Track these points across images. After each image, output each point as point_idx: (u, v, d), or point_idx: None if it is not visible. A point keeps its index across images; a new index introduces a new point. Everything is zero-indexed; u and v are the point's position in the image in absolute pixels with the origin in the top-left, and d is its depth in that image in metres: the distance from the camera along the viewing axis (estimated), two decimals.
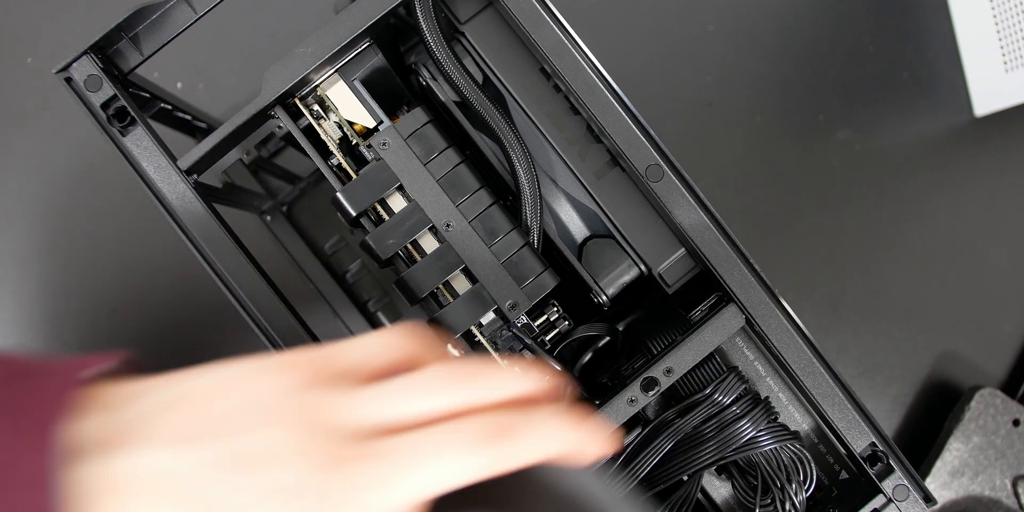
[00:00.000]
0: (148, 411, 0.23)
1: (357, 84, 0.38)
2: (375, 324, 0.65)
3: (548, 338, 0.39)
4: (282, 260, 0.67)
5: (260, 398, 0.23)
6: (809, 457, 0.39)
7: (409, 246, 0.38)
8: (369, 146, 0.38)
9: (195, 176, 0.39)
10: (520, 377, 0.24)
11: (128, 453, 0.22)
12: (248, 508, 0.22)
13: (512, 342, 0.38)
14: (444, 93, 0.40)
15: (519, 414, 0.23)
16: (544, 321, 0.39)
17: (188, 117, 0.50)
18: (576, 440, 0.23)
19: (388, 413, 0.23)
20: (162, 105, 0.45)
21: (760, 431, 0.38)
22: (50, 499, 0.21)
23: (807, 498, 0.38)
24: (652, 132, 0.37)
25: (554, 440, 0.23)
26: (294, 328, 0.37)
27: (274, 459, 0.22)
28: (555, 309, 0.39)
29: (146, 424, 0.22)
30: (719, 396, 0.39)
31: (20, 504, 0.21)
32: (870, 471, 0.37)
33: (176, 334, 0.69)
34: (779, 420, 0.40)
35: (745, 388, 0.40)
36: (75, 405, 0.22)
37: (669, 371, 0.37)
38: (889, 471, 0.37)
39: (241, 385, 0.23)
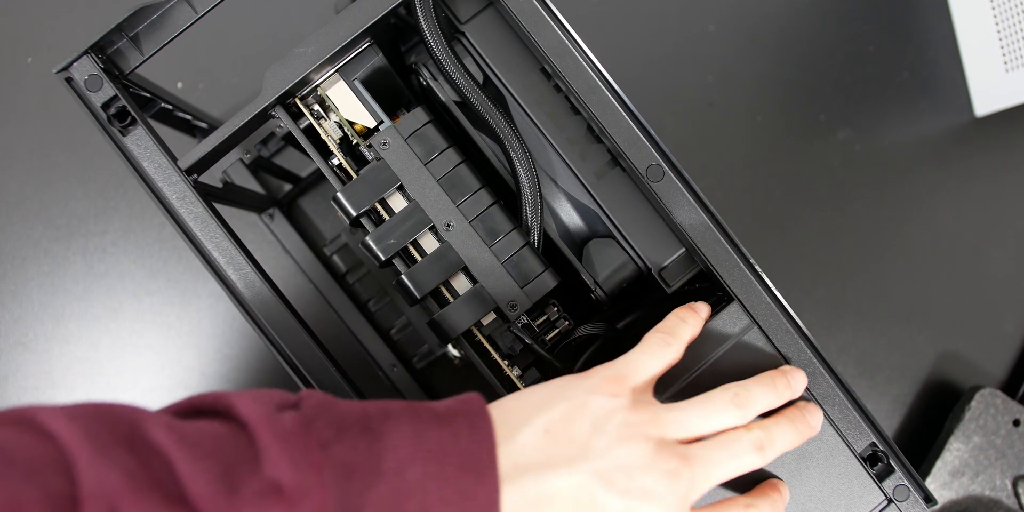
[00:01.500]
0: (534, 442, 0.29)
1: (357, 84, 0.38)
2: (375, 324, 0.65)
3: (548, 338, 0.39)
4: (282, 260, 0.67)
5: (605, 418, 0.30)
6: None
7: (409, 246, 0.38)
8: (369, 146, 0.38)
9: (195, 176, 0.39)
10: (772, 397, 0.34)
11: (540, 478, 0.29)
12: (628, 508, 0.29)
13: (512, 342, 0.38)
14: (444, 93, 0.40)
15: (772, 428, 0.33)
16: (544, 321, 0.39)
17: (188, 117, 0.50)
18: (803, 438, 0.34)
19: (694, 429, 0.32)
20: (162, 105, 0.45)
21: None
22: None
23: None
24: (652, 132, 0.37)
25: (792, 443, 0.34)
26: (294, 329, 0.37)
27: (640, 469, 0.30)
28: (555, 309, 0.39)
29: (541, 453, 0.29)
30: None
31: None
32: (870, 471, 0.37)
33: (173, 330, 0.69)
34: None
35: None
36: (494, 441, 0.28)
37: None
38: (889, 471, 0.37)
39: (585, 409, 0.30)
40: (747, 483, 0.36)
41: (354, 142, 0.39)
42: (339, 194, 0.37)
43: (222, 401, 0.27)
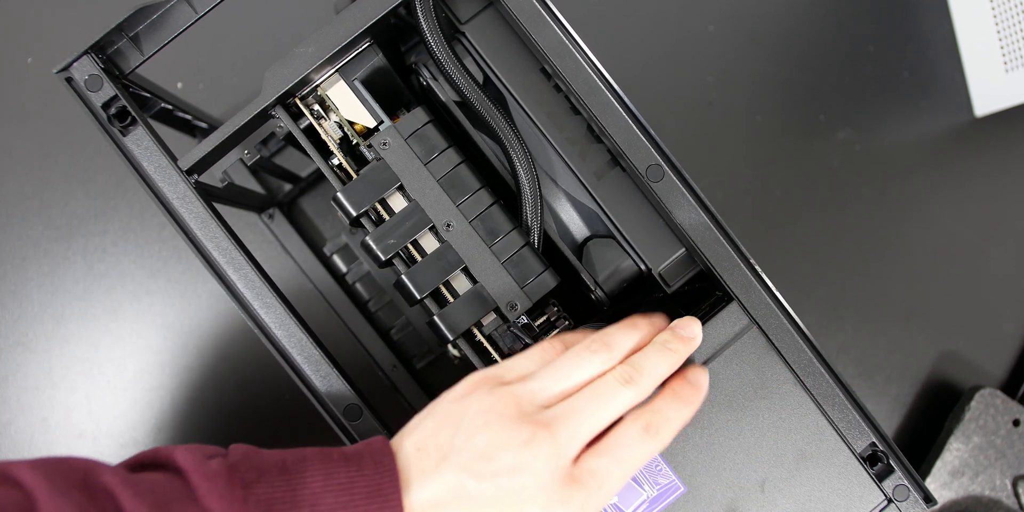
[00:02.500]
0: (414, 462, 0.32)
1: (357, 84, 0.38)
2: (375, 324, 0.65)
3: None
4: (282, 260, 0.67)
5: (461, 415, 0.32)
6: None
7: (409, 246, 0.38)
8: (370, 146, 0.38)
9: (195, 176, 0.39)
10: (635, 336, 0.34)
11: (422, 489, 0.31)
12: (499, 490, 0.30)
13: (513, 342, 0.38)
14: (444, 93, 0.40)
15: (638, 358, 0.33)
16: (544, 321, 0.39)
17: (188, 117, 0.50)
18: (678, 355, 0.34)
19: (552, 391, 0.32)
20: (163, 105, 0.45)
21: None
22: None
23: None
24: (652, 132, 0.37)
25: (666, 364, 0.33)
26: (294, 329, 0.37)
27: (498, 449, 0.31)
28: (555, 309, 0.39)
29: (416, 468, 0.31)
30: None
31: None
32: (870, 471, 0.37)
33: (173, 330, 0.69)
34: None
35: None
36: (396, 471, 0.31)
37: None
38: (889, 471, 0.37)
39: (448, 417, 0.32)
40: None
41: (354, 142, 0.39)
42: (339, 194, 0.37)
43: (162, 453, 0.31)
